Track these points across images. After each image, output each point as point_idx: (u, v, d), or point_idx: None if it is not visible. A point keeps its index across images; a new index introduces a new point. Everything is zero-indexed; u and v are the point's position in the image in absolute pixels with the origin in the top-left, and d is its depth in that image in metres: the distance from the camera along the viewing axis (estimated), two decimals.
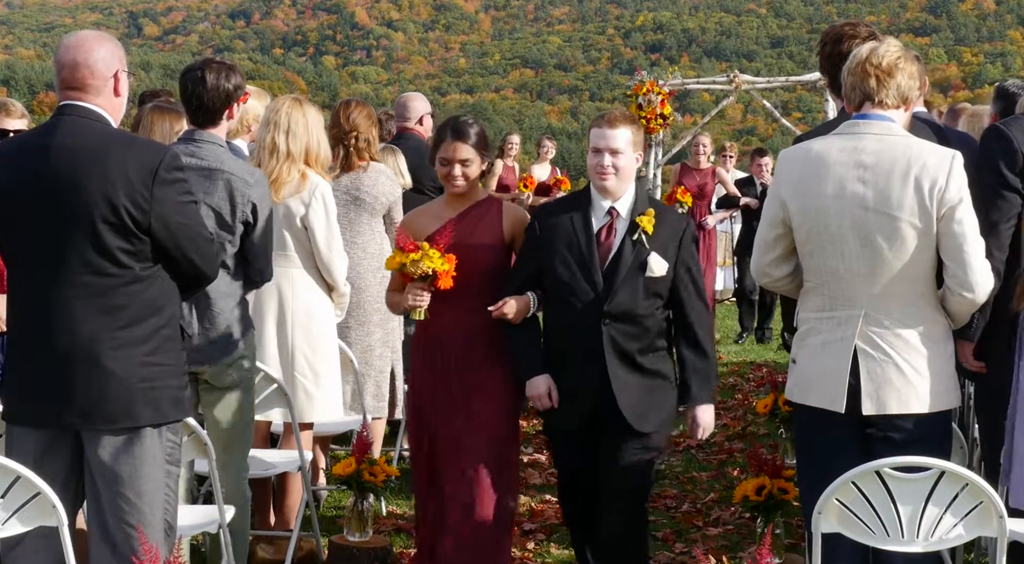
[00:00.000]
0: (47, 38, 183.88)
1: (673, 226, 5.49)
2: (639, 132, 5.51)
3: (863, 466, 4.21)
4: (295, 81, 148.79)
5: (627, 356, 5.42)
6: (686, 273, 5.46)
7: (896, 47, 4.59)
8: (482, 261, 5.59)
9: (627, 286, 5.36)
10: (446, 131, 5.63)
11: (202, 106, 5.62)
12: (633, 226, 5.41)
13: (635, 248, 5.38)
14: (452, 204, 5.72)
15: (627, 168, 5.40)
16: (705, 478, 8.18)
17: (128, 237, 4.38)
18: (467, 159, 5.58)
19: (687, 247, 5.48)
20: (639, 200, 5.48)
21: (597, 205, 5.45)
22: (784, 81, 20.96)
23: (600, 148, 5.36)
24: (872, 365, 4.48)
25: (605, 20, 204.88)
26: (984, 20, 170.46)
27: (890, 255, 4.43)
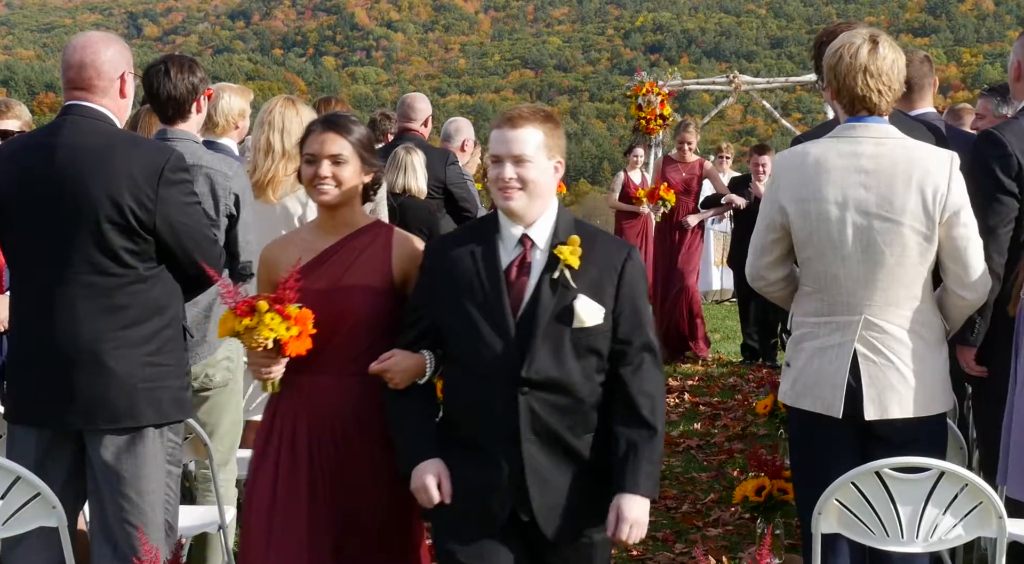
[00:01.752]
0: (47, 38, 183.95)
1: (609, 257, 4.17)
2: (556, 133, 4.19)
3: (863, 467, 4.22)
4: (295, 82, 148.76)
5: (553, 438, 4.12)
6: (629, 319, 4.17)
7: (890, 49, 4.55)
8: (360, 310, 4.35)
9: (549, 342, 4.07)
10: (316, 123, 4.52)
11: (171, 99, 5.56)
12: (553, 260, 4.12)
13: (556, 290, 4.08)
14: (326, 229, 4.49)
15: (540, 181, 4.09)
16: (705, 479, 8.19)
17: (132, 237, 4.39)
18: (339, 155, 4.37)
19: (631, 284, 4.18)
20: (561, 224, 4.18)
21: (506, 233, 4.17)
22: (784, 82, 20.98)
23: (500, 156, 4.09)
24: (873, 370, 4.47)
25: (605, 21, 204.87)
26: (983, 21, 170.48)
27: (891, 260, 4.42)
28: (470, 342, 4.14)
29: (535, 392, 4.08)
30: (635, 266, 4.21)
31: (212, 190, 5.52)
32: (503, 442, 4.10)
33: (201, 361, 5.53)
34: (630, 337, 4.17)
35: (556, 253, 4.12)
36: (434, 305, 4.22)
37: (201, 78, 5.61)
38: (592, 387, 4.16)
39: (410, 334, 4.28)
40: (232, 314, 4.20)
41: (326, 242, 4.46)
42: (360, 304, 4.36)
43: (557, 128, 4.23)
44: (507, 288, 4.13)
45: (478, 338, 4.12)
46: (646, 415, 4.14)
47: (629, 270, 4.19)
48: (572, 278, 4.11)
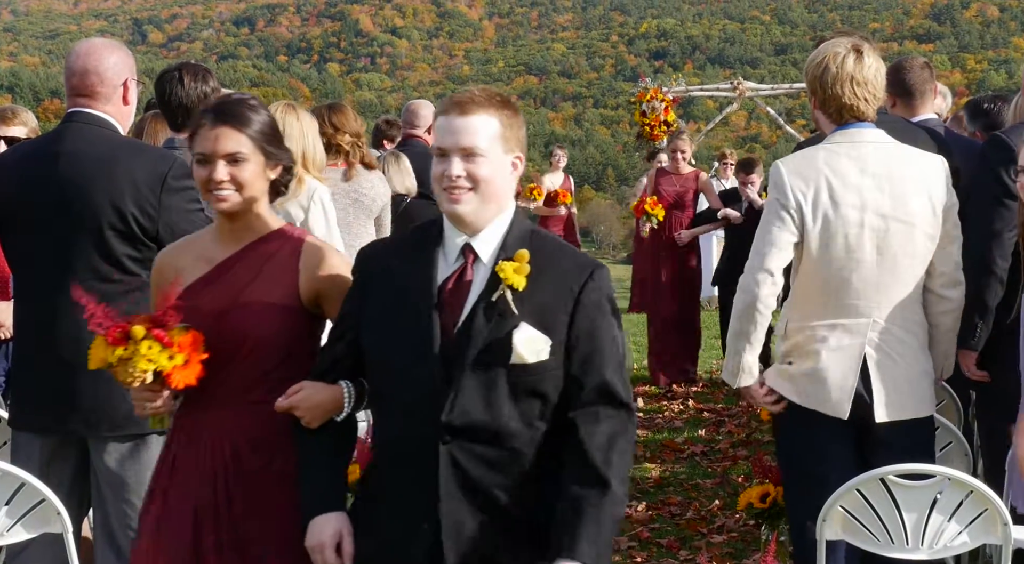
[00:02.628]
0: (52, 45, 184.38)
1: (565, 277, 3.41)
2: (515, 122, 3.47)
3: (868, 473, 4.21)
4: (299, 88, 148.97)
5: (481, 496, 3.39)
6: (587, 356, 3.40)
7: (872, 58, 4.57)
8: (262, 331, 3.71)
9: (480, 379, 3.33)
10: (205, 114, 3.76)
11: (181, 106, 5.56)
12: (494, 278, 3.38)
13: (493, 316, 3.33)
14: (224, 237, 3.85)
15: (494, 180, 3.39)
16: (709, 485, 8.18)
17: (135, 244, 4.40)
18: (236, 153, 3.70)
19: (591, 312, 3.41)
20: (512, 234, 3.46)
21: (448, 242, 3.47)
22: (788, 88, 20.92)
23: (447, 148, 3.38)
24: (883, 372, 4.48)
25: (609, 27, 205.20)
26: (988, 27, 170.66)
27: (902, 263, 4.44)
28: (389, 373, 3.45)
29: (460, 441, 3.34)
30: (598, 289, 3.42)
31: None
32: (420, 496, 3.38)
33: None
34: (583, 378, 3.39)
35: (497, 270, 3.36)
36: (357, 323, 3.54)
37: (213, 87, 5.62)
38: (532, 437, 3.39)
39: (327, 359, 3.62)
40: (103, 342, 3.59)
41: (224, 252, 3.82)
42: (261, 324, 3.71)
43: (516, 116, 3.48)
44: (439, 310, 3.38)
45: (398, 369, 3.41)
46: (598, 468, 3.35)
47: (590, 294, 3.40)
48: (516, 302, 3.34)
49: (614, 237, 71.79)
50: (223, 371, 3.69)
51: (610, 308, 3.46)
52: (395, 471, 3.46)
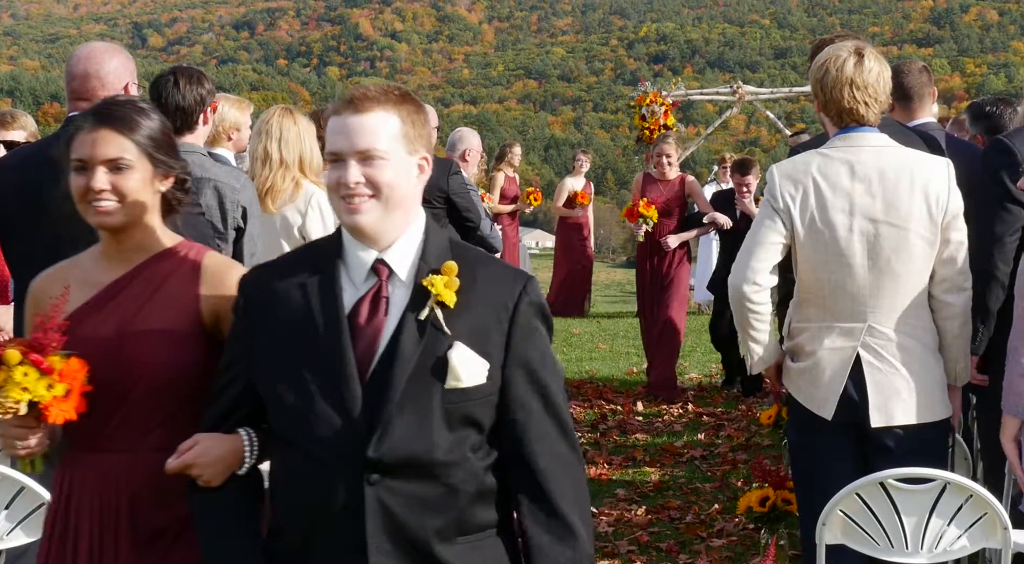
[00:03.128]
0: (52, 49, 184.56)
1: (497, 291, 3.05)
2: (418, 118, 3.09)
3: (867, 477, 4.21)
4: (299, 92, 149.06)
5: (415, 545, 2.97)
6: (526, 377, 3.05)
7: (875, 62, 4.57)
8: (157, 363, 3.25)
9: (411, 407, 2.95)
10: (85, 116, 3.35)
11: (179, 109, 5.53)
12: (420, 295, 3.01)
13: (423, 336, 2.97)
14: (111, 257, 3.42)
15: (398, 186, 3.01)
16: (709, 489, 8.18)
17: None
18: (119, 159, 3.28)
19: (527, 329, 3.05)
20: (431, 245, 3.09)
21: (352, 259, 3.07)
22: (787, 92, 20.94)
23: (342, 152, 3.00)
24: (879, 377, 4.48)
25: (608, 31, 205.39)
26: (987, 31, 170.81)
27: (898, 267, 4.43)
28: (297, 413, 2.98)
29: (389, 480, 2.92)
30: (533, 303, 3.06)
31: (220, 203, 5.52)
32: (344, 553, 2.95)
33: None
34: (526, 402, 3.04)
35: (426, 285, 2.98)
36: (250, 361, 3.08)
37: (208, 90, 5.61)
38: (470, 472, 2.99)
39: (220, 405, 3.14)
40: None
41: (111, 274, 3.37)
42: (158, 355, 3.24)
43: (419, 112, 3.08)
44: (352, 337, 2.98)
45: (308, 407, 2.96)
46: (558, 505, 3.04)
47: (525, 310, 3.04)
48: (444, 321, 2.98)
49: (613, 241, 71.76)
50: (115, 410, 3.22)
51: (545, 324, 3.12)
52: (310, 528, 3.00)
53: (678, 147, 11.96)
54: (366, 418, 2.92)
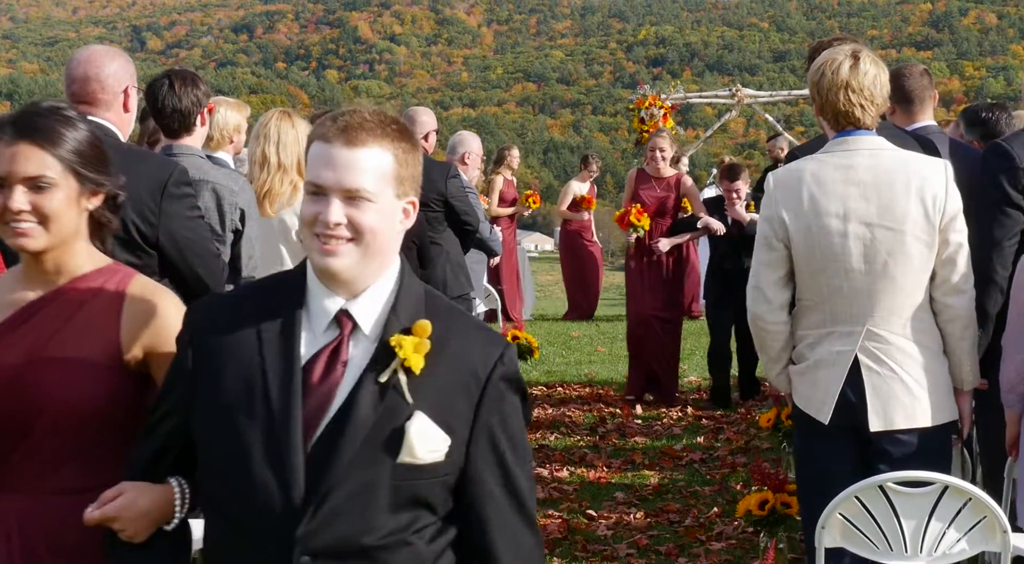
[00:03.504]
0: (51, 52, 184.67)
1: (471, 357, 2.71)
2: (413, 157, 2.76)
3: (866, 481, 4.21)
4: (298, 95, 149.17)
5: None
6: (491, 460, 2.72)
7: (871, 64, 4.57)
8: (67, 396, 2.92)
9: (356, 482, 2.60)
10: (4, 127, 2.99)
11: (176, 112, 5.51)
12: (384, 355, 2.66)
13: (382, 402, 2.62)
14: (30, 278, 3.08)
15: (382, 231, 2.69)
16: (708, 492, 8.17)
17: (135, 251, 4.40)
18: (40, 177, 2.94)
19: (500, 405, 2.72)
20: (404, 298, 2.75)
21: (316, 306, 2.73)
22: (786, 95, 21.01)
23: (325, 187, 2.66)
24: (877, 381, 4.47)
25: (607, 34, 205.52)
26: (986, 34, 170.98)
27: (894, 270, 4.43)
28: (229, 475, 2.64)
29: (322, 562, 2.59)
30: (509, 376, 2.73)
31: (218, 205, 5.52)
32: None
33: None
34: (488, 487, 2.71)
35: (393, 345, 2.63)
36: (187, 405, 2.73)
37: (204, 92, 5.61)
38: (415, 558, 2.66)
39: (150, 446, 2.80)
40: None
41: (28, 295, 3.03)
42: (68, 386, 2.90)
43: (414, 151, 2.76)
44: (304, 395, 2.63)
45: (242, 470, 2.61)
46: None
47: (499, 382, 2.71)
48: (406, 388, 2.63)
49: (612, 244, 71.79)
50: (16, 445, 2.91)
51: (520, 398, 2.77)
52: None
53: (673, 142, 11.55)
54: (303, 490, 2.57)
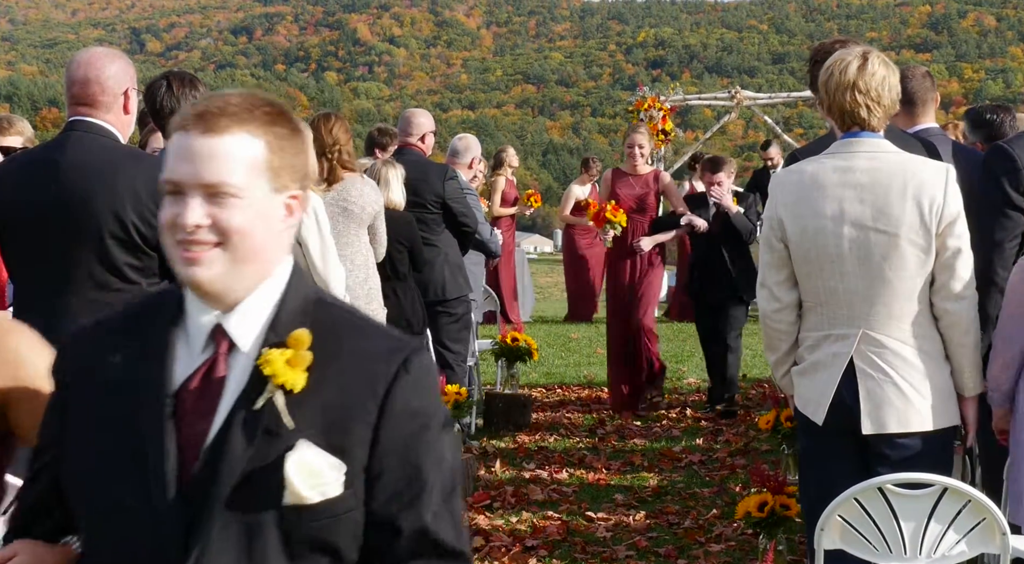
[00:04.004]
0: (50, 54, 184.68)
1: (367, 369, 2.29)
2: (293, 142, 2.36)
3: (865, 482, 4.21)
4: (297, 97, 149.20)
5: None
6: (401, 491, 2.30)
7: (880, 65, 4.57)
8: None
9: (237, 528, 2.22)
10: None
11: (174, 113, 5.54)
12: (259, 375, 2.25)
13: (258, 431, 2.23)
14: None
15: (254, 232, 2.29)
16: (707, 494, 8.17)
17: (136, 252, 4.40)
18: None
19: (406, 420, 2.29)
20: (287, 308, 2.34)
21: (192, 322, 2.35)
22: (785, 97, 21.02)
23: (181, 182, 2.28)
24: (871, 384, 4.47)
25: (607, 36, 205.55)
26: (985, 37, 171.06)
27: (889, 274, 4.43)
28: (99, 521, 2.29)
29: None
30: (416, 386, 2.28)
31: None
32: None
33: None
34: (396, 518, 2.28)
35: (260, 364, 2.22)
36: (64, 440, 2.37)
37: (203, 94, 5.61)
38: None
39: (31, 498, 2.47)
40: None
41: None
42: None
43: (295, 135, 2.36)
44: (179, 423, 2.25)
45: (113, 515, 2.26)
46: None
47: (403, 395, 2.26)
48: (292, 409, 2.21)
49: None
50: None
51: (435, 413, 2.33)
52: None
53: (651, 137, 11.23)
54: (181, 537, 2.20)
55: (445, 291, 8.91)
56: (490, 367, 11.94)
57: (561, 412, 10.81)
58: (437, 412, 2.35)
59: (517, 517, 7.44)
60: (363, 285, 7.38)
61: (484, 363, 11.99)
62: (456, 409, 7.93)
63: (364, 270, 7.42)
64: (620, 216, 10.49)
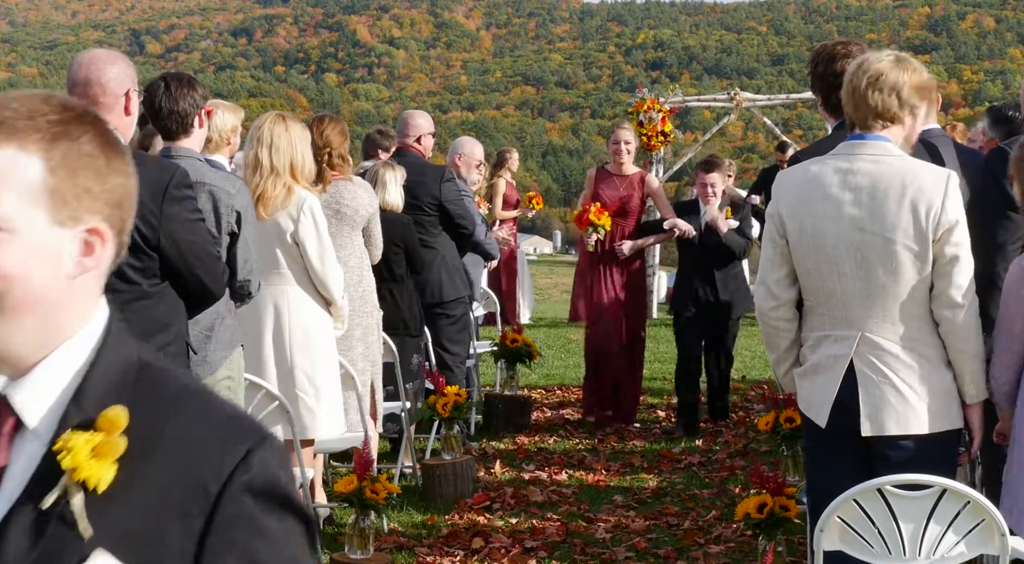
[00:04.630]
0: (50, 56, 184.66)
1: (199, 461, 1.69)
2: (91, 160, 1.78)
3: (865, 484, 4.21)
4: (297, 98, 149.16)
5: None
6: None
7: (891, 63, 4.56)
8: None
9: None
10: None
11: (173, 113, 5.47)
12: (51, 465, 1.65)
13: (41, 539, 1.64)
14: None
15: (27, 277, 1.71)
16: (707, 495, 8.18)
17: (137, 254, 4.41)
18: None
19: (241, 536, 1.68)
20: (99, 372, 1.75)
21: None
22: (785, 98, 20.98)
23: None
24: (870, 386, 4.48)
25: (606, 38, 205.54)
26: (984, 38, 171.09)
27: (886, 277, 4.43)
28: None
29: None
30: (255, 486, 1.70)
31: (215, 207, 5.52)
32: None
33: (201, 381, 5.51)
34: None
35: (58, 453, 1.66)
36: None
37: (202, 94, 5.61)
38: None
39: None
40: None
41: None
42: None
43: (102, 153, 1.82)
44: None
45: None
46: None
47: (238, 498, 1.70)
48: (92, 511, 1.66)
49: None
50: None
51: (285, 519, 1.74)
52: None
53: (636, 135, 10.38)
54: None
55: (443, 293, 8.92)
56: (490, 368, 11.96)
57: (560, 413, 10.82)
58: (283, 522, 1.75)
59: (517, 518, 7.45)
60: (357, 287, 7.40)
61: (484, 364, 12.01)
62: (456, 410, 7.94)
63: (358, 272, 7.43)
64: (604, 219, 9.92)
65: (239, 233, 5.58)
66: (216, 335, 5.48)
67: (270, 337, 6.60)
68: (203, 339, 5.45)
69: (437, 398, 7.97)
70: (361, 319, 7.40)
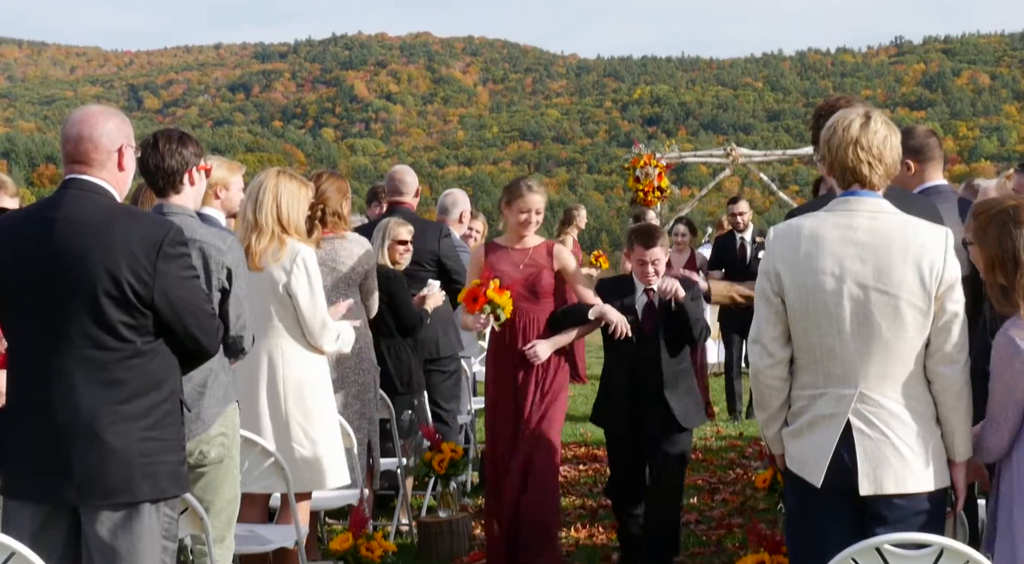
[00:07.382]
0: (48, 111, 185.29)
1: None
2: None
3: (863, 543, 4.19)
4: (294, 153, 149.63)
5: None
6: None
7: (882, 125, 4.59)
8: None
9: None
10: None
11: (159, 170, 5.48)
12: None
13: None
14: None
15: None
16: (705, 553, 8.13)
17: (130, 311, 4.39)
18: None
19: None
20: None
21: None
22: (781, 154, 21.04)
23: None
24: (868, 444, 4.46)
25: (603, 93, 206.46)
26: (979, 95, 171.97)
27: (888, 334, 4.42)
28: None
29: None
30: None
31: (205, 264, 5.52)
32: None
33: (195, 438, 5.48)
34: None
35: None
36: None
37: (194, 151, 5.60)
38: None
39: None
40: None
41: None
42: None
43: None
44: None
45: None
46: None
47: None
48: None
49: None
50: None
51: None
52: None
53: (545, 193, 7.59)
54: None
55: (439, 349, 8.94)
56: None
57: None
58: None
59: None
60: (354, 344, 7.38)
61: (480, 420, 11.95)
62: (452, 467, 7.90)
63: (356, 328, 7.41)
64: (504, 297, 7.22)
65: (230, 289, 5.56)
66: (209, 391, 5.46)
67: (264, 391, 6.57)
68: (196, 395, 5.42)
69: (433, 455, 7.93)
70: (357, 376, 7.38)
